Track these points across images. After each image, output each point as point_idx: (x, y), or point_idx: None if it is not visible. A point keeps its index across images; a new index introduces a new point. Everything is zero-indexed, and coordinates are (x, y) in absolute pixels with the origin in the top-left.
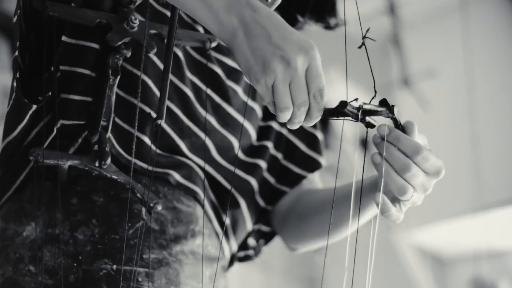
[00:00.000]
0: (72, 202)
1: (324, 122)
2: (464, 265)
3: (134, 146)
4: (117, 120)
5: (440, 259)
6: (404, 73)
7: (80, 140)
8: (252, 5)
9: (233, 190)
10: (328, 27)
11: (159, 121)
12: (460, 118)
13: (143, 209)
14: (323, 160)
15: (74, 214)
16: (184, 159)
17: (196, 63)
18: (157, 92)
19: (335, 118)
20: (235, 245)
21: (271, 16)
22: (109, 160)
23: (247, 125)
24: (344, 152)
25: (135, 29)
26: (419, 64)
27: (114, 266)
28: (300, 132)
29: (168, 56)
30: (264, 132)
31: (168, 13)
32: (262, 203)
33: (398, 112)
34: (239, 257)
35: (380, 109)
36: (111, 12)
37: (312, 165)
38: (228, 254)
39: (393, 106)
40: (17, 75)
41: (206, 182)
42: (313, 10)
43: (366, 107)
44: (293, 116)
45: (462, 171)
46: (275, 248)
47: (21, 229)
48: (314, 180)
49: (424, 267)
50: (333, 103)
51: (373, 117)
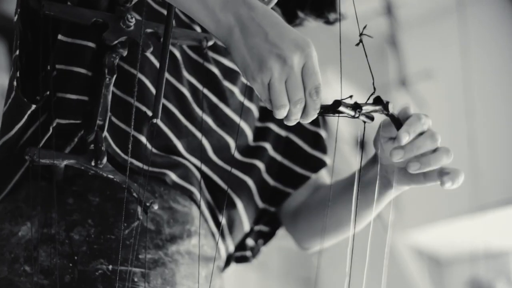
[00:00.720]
0: (68, 202)
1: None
2: (461, 266)
3: (131, 146)
4: (114, 119)
5: (437, 260)
6: (401, 74)
7: (76, 140)
8: (249, 3)
9: (229, 190)
10: (328, 22)
11: (155, 120)
12: (457, 119)
13: (139, 209)
14: (327, 158)
15: (70, 214)
16: (181, 159)
17: (194, 63)
18: (154, 92)
19: (331, 115)
20: (232, 245)
21: (268, 14)
22: (105, 160)
23: (244, 125)
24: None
25: (132, 28)
26: (416, 65)
27: (110, 266)
28: (303, 132)
29: (164, 55)
30: (261, 133)
31: (165, 12)
32: (261, 204)
33: (393, 109)
34: (236, 258)
35: (375, 108)
36: (108, 11)
37: (316, 164)
38: (224, 254)
39: (388, 103)
40: (17, 74)
41: (202, 182)
42: (313, 5)
43: (362, 109)
44: (290, 114)
45: None
46: (272, 249)
47: (17, 229)
48: (321, 177)
49: (421, 268)
50: (329, 102)
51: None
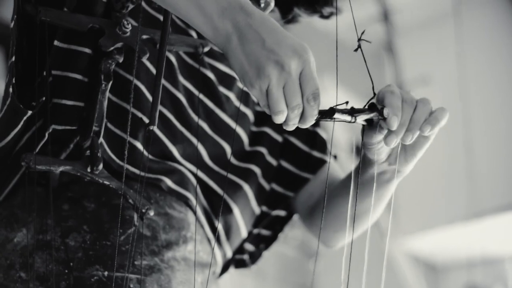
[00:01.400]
0: (63, 208)
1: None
2: (458, 272)
3: (126, 152)
4: (110, 126)
5: (434, 266)
6: (398, 80)
7: (72, 146)
8: (246, 10)
9: (226, 196)
10: (323, 16)
11: (151, 127)
12: (454, 125)
13: (135, 215)
14: (327, 157)
15: (65, 220)
16: (176, 165)
17: (189, 68)
18: (150, 98)
19: (329, 120)
20: (229, 251)
21: (265, 21)
22: (101, 166)
23: (239, 131)
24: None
25: (128, 34)
26: (413, 71)
27: (106, 273)
28: (301, 133)
29: (161, 62)
30: (258, 138)
31: (161, 18)
32: (257, 209)
33: (389, 114)
34: (235, 262)
35: (371, 115)
36: (104, 17)
37: (316, 164)
38: (221, 260)
39: (383, 108)
40: (13, 81)
41: (198, 188)
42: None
43: (356, 114)
44: (288, 119)
45: (456, 178)
46: (268, 255)
47: (12, 235)
48: (336, 170)
49: (418, 274)
50: (326, 108)
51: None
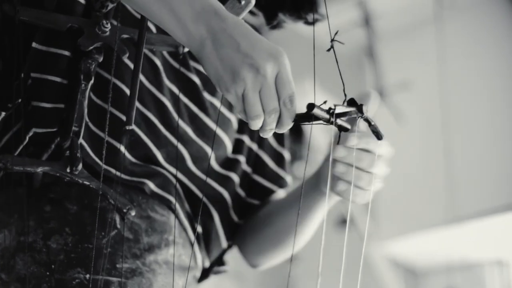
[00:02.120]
0: (45, 210)
1: (298, 133)
2: (437, 277)
3: (108, 153)
4: (93, 128)
5: (413, 271)
6: (379, 85)
7: (53, 146)
8: (220, 15)
9: (206, 201)
10: (307, 23)
11: (128, 127)
12: (434, 130)
13: (117, 218)
14: (289, 179)
15: (47, 222)
16: (159, 169)
17: (175, 71)
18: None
19: (307, 123)
20: (208, 259)
21: (239, 25)
22: (81, 166)
23: (224, 136)
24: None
25: (107, 34)
26: (394, 76)
27: (87, 276)
28: (269, 149)
29: (138, 60)
30: (238, 146)
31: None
32: (236, 219)
33: (368, 111)
34: (214, 272)
35: (349, 109)
36: (84, 17)
37: (279, 181)
38: (201, 264)
39: (362, 105)
40: None
41: (181, 191)
42: (292, 6)
43: (336, 109)
44: (265, 124)
45: (435, 183)
46: None
47: None
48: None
49: (397, 279)
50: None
51: (345, 121)
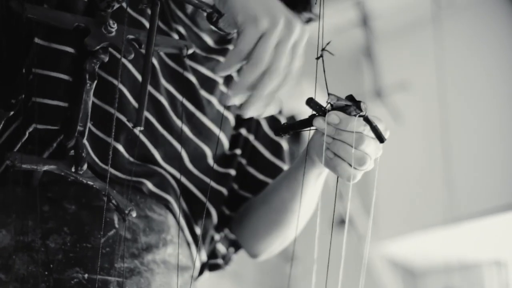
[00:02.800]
0: (44, 209)
1: (297, 134)
2: (436, 277)
3: (110, 154)
4: (92, 128)
5: (412, 271)
6: (377, 85)
7: (55, 145)
8: None
9: (206, 201)
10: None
11: (138, 128)
12: (432, 131)
13: (116, 217)
14: (286, 167)
15: (46, 222)
16: (157, 168)
17: (171, 71)
18: (132, 100)
19: (308, 129)
20: (204, 255)
21: None
22: (85, 166)
23: (221, 135)
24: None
25: (113, 34)
26: (392, 77)
27: (86, 275)
28: (265, 139)
29: (147, 62)
30: (235, 140)
31: (144, 21)
32: (227, 211)
33: (367, 110)
34: (209, 266)
35: (347, 103)
36: (86, 15)
37: (276, 172)
38: (198, 263)
39: (360, 102)
40: None
41: (179, 192)
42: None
43: (334, 103)
44: (263, 83)
45: (434, 183)
46: (246, 258)
47: None
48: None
49: (396, 279)
50: (305, 114)
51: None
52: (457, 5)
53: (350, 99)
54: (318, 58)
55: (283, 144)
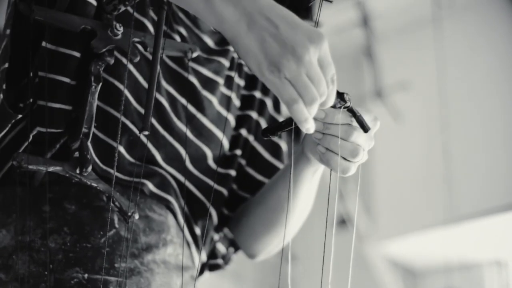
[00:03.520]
0: (44, 210)
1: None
2: (436, 277)
3: (109, 154)
4: (94, 130)
5: (412, 271)
6: (377, 85)
7: (58, 146)
8: None
9: (207, 202)
10: None
11: (146, 133)
12: (433, 130)
13: (116, 218)
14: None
15: (46, 222)
16: (158, 169)
17: (172, 72)
18: (133, 101)
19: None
20: (204, 255)
21: (275, 6)
22: (90, 168)
23: (221, 136)
24: None
25: (119, 37)
26: (392, 76)
27: (86, 275)
28: (265, 140)
29: (154, 66)
30: (235, 141)
31: (146, 22)
32: (226, 211)
33: (351, 100)
34: (209, 266)
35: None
36: (95, 19)
37: (274, 173)
38: (198, 264)
39: (344, 94)
40: (4, 87)
41: (179, 193)
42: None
43: None
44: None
45: (434, 183)
46: (246, 258)
47: None
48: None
49: (396, 279)
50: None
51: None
52: (457, 5)
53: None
54: None
55: (282, 145)
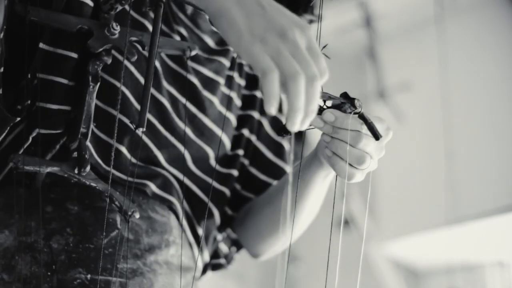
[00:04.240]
0: (47, 210)
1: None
2: (438, 278)
3: (112, 155)
4: (95, 130)
5: (414, 272)
6: (380, 86)
7: (58, 147)
8: None
9: (209, 202)
10: None
11: (140, 129)
12: (435, 131)
13: (118, 218)
14: (288, 169)
15: (49, 223)
16: (160, 170)
17: (173, 73)
18: (134, 102)
19: (307, 128)
20: (207, 255)
21: None
22: (88, 168)
23: (223, 136)
24: None
25: (116, 36)
26: (395, 77)
27: (89, 276)
28: (267, 140)
29: (150, 63)
30: (237, 141)
31: (146, 23)
32: (229, 212)
33: (362, 106)
34: (212, 265)
35: (342, 101)
36: (92, 19)
37: (278, 173)
38: (201, 264)
39: (355, 99)
40: (0, 91)
41: (182, 194)
42: (288, 7)
43: (328, 102)
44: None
45: (437, 184)
46: (249, 258)
47: None
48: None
49: (398, 280)
50: None
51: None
52: (460, 6)
53: (345, 97)
54: None
55: (285, 145)
